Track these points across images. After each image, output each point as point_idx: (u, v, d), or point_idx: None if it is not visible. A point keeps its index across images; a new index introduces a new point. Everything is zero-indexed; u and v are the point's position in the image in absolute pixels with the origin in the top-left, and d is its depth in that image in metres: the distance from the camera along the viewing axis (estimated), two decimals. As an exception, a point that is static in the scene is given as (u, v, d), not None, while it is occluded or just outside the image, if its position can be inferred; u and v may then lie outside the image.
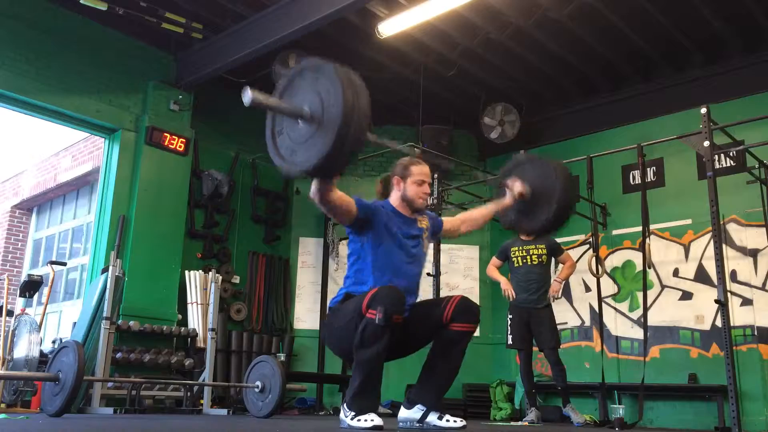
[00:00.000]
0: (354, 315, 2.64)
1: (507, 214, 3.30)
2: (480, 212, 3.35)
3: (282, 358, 6.88)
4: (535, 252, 5.21)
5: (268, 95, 2.26)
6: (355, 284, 2.85)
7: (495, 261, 5.50)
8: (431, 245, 3.14)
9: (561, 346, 5.21)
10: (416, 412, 2.83)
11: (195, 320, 6.45)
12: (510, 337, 5.21)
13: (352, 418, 2.59)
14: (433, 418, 2.79)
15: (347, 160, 2.23)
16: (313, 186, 2.53)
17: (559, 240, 7.25)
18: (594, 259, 5.77)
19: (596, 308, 6.41)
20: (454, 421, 2.76)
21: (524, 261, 5.23)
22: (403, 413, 2.88)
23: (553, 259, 5.33)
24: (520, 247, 5.26)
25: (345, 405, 2.67)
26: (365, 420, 2.55)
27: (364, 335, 2.58)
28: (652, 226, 6.01)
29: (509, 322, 5.24)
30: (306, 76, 2.27)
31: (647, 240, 5.30)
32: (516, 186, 3.19)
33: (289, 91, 2.31)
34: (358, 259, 2.89)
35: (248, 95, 2.10)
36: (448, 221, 3.22)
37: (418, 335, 2.88)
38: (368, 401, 2.63)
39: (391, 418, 4.25)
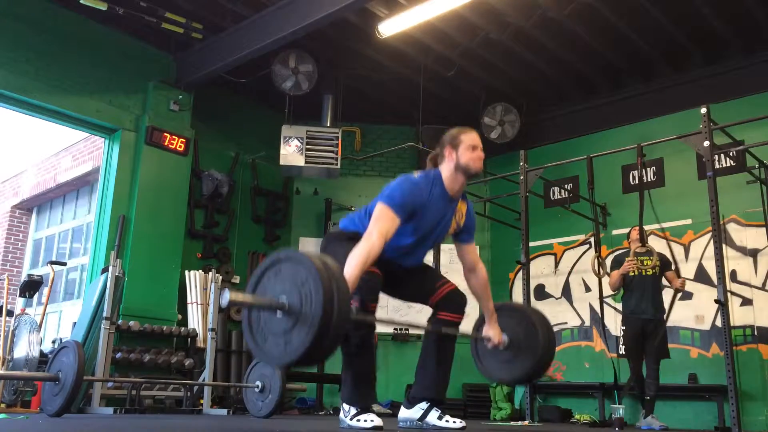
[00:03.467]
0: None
1: (496, 368, 3.15)
2: (484, 297, 3.07)
3: (282, 358, 6.86)
4: (649, 263, 5.23)
5: (246, 294, 2.17)
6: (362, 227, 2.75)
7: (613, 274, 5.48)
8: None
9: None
10: (416, 411, 2.83)
11: (195, 320, 6.45)
12: (623, 347, 5.26)
13: (351, 418, 2.59)
14: (432, 418, 2.79)
15: (329, 352, 2.12)
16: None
17: (559, 240, 7.33)
18: (596, 259, 5.76)
19: (596, 308, 6.41)
20: (454, 422, 2.76)
21: (640, 271, 5.25)
22: (404, 413, 2.88)
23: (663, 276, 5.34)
24: (637, 258, 5.28)
25: (343, 403, 2.67)
26: (365, 420, 2.55)
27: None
28: (653, 226, 6.01)
29: (622, 332, 5.32)
30: (283, 267, 2.17)
31: (640, 240, 5.32)
32: (494, 340, 3.02)
33: (265, 280, 2.20)
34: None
35: (225, 297, 2.04)
36: (469, 254, 3.05)
37: (409, 290, 2.97)
38: (365, 394, 2.65)
39: (391, 417, 4.25)
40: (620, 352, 5.31)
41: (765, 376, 5.71)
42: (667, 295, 5.29)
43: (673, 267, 5.38)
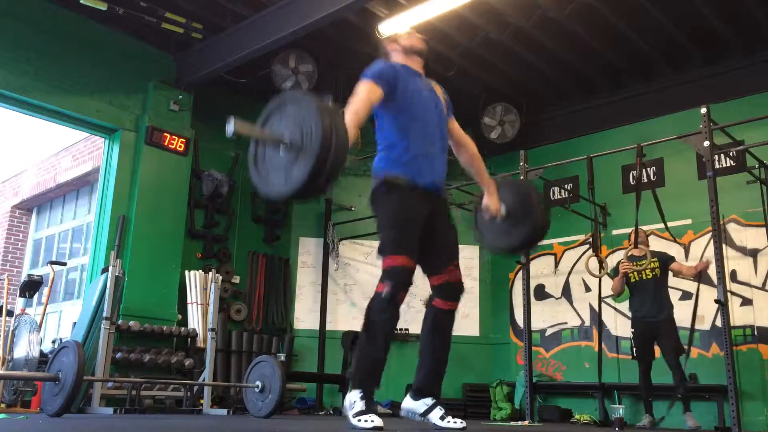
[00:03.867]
0: (385, 238, 2.77)
1: (479, 223, 3.28)
2: (477, 170, 3.22)
3: (282, 358, 6.88)
4: (649, 266, 5.27)
5: (252, 125, 2.36)
6: (389, 147, 2.89)
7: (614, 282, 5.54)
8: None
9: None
10: (421, 405, 2.86)
11: (195, 320, 6.45)
12: (634, 349, 5.34)
13: (355, 415, 2.61)
14: (435, 417, 2.80)
15: (326, 184, 2.29)
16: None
17: (559, 240, 7.33)
18: (595, 259, 5.77)
19: (596, 308, 6.41)
20: (455, 422, 2.78)
21: (640, 275, 5.31)
22: (409, 403, 2.91)
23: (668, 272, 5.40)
24: (636, 263, 5.34)
25: (351, 390, 2.71)
26: (365, 420, 2.56)
27: (373, 305, 2.72)
28: (652, 226, 6.02)
29: (632, 334, 5.36)
30: (286, 109, 2.37)
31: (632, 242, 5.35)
32: (491, 210, 3.13)
33: (270, 120, 2.41)
34: (386, 123, 2.94)
35: (231, 126, 2.20)
36: (456, 129, 3.18)
37: (426, 249, 2.88)
38: (376, 378, 2.74)
39: (391, 418, 4.26)
40: (633, 354, 5.36)
41: (765, 376, 5.71)
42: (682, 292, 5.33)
43: (675, 259, 5.43)
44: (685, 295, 6.17)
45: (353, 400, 2.66)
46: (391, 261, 2.70)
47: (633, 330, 5.35)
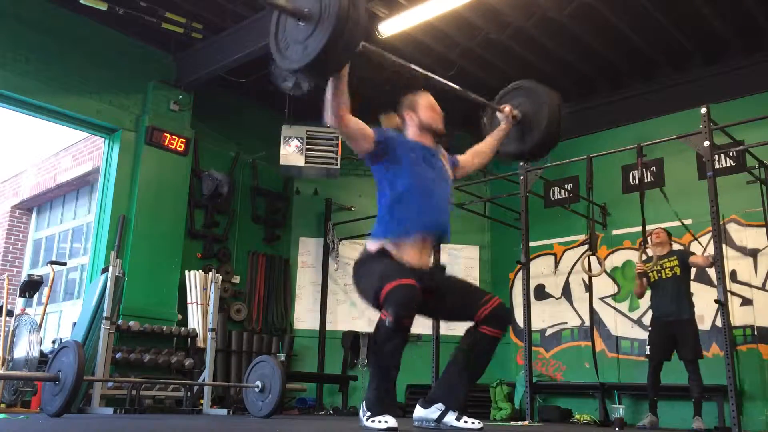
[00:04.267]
0: (375, 287, 2.60)
1: (507, 143, 3.34)
2: (486, 144, 3.34)
3: (282, 358, 6.88)
4: (668, 265, 5.23)
5: None
6: (390, 214, 2.77)
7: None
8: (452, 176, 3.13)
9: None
10: (433, 411, 2.81)
11: (195, 320, 6.45)
12: (648, 347, 5.30)
13: (368, 419, 2.60)
14: (450, 419, 2.77)
15: (347, 52, 2.37)
16: (327, 103, 2.58)
17: (559, 240, 7.32)
18: (588, 258, 5.75)
19: (596, 308, 6.42)
20: (472, 423, 2.74)
21: (660, 275, 5.26)
22: (420, 412, 2.85)
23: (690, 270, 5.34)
24: (656, 262, 5.29)
25: (363, 404, 2.67)
26: (379, 421, 2.54)
27: (378, 335, 2.59)
28: (652, 226, 6.01)
29: (648, 332, 5.33)
30: None
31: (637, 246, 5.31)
32: (506, 108, 3.25)
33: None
34: (387, 189, 2.82)
35: None
36: (462, 157, 3.22)
37: (446, 310, 2.87)
38: (385, 401, 2.63)
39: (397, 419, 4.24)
40: (646, 353, 5.33)
41: (765, 376, 5.71)
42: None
43: (694, 253, 5.37)
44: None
45: (365, 409, 2.63)
46: (386, 288, 2.54)
47: (650, 328, 5.32)
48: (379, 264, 2.68)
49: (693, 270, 5.41)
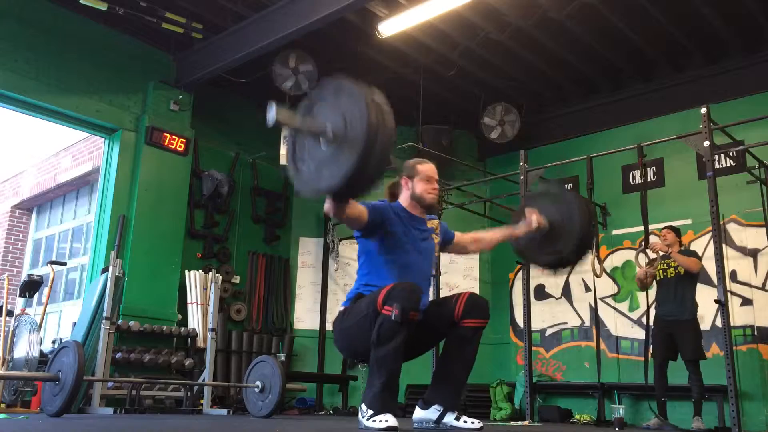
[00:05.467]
0: (368, 312, 2.61)
1: (520, 242, 3.20)
2: (492, 235, 3.30)
3: (282, 358, 6.88)
4: (673, 264, 5.22)
5: (292, 113, 2.19)
6: (366, 285, 2.81)
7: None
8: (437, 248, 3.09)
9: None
10: (432, 412, 2.81)
11: (195, 320, 6.45)
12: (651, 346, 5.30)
13: (368, 419, 2.58)
14: (450, 419, 2.77)
15: (371, 181, 2.13)
16: (329, 202, 2.45)
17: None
18: (594, 259, 5.77)
19: (596, 308, 6.41)
20: (472, 422, 2.75)
21: (664, 274, 5.27)
22: (419, 413, 2.86)
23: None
24: (662, 261, 5.29)
25: (363, 404, 2.66)
26: (380, 421, 2.53)
27: (381, 332, 2.55)
28: (652, 226, 6.01)
29: (652, 332, 5.33)
30: (328, 96, 2.20)
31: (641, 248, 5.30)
32: (534, 218, 3.10)
33: (311, 110, 2.23)
34: (368, 259, 2.86)
35: (272, 113, 2.01)
36: (459, 236, 3.18)
37: (431, 335, 2.88)
38: (387, 400, 2.61)
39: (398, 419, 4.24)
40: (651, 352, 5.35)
41: (765, 376, 5.71)
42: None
43: (697, 255, 5.30)
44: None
45: (364, 410, 2.62)
46: (383, 291, 2.56)
47: (653, 327, 5.33)
48: (363, 301, 2.69)
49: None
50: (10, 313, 5.28)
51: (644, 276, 5.37)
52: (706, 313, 5.99)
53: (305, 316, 7.58)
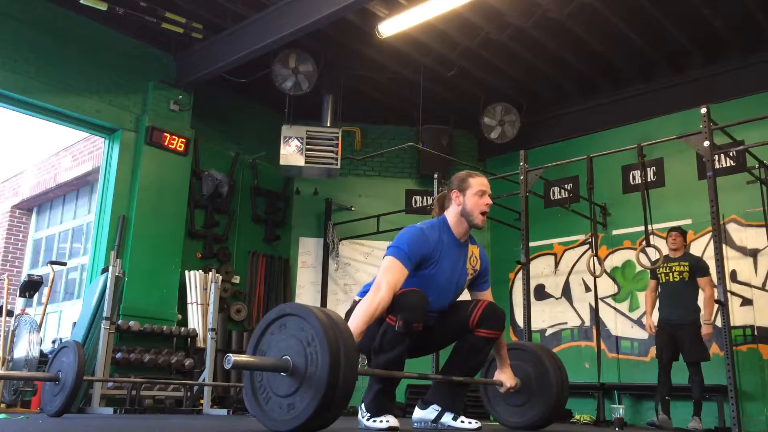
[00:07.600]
0: None
1: (507, 414, 3.08)
2: (498, 341, 2.91)
3: (282, 358, 6.87)
4: (678, 269, 5.24)
5: (249, 357, 2.10)
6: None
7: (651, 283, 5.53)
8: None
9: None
10: (431, 412, 2.82)
11: (195, 320, 6.45)
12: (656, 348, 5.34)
13: (368, 419, 2.59)
14: (448, 419, 2.78)
15: (334, 418, 2.04)
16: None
17: (559, 240, 7.32)
18: (593, 259, 5.76)
19: (596, 308, 6.41)
20: (470, 423, 2.75)
21: (667, 278, 5.28)
22: (418, 413, 2.87)
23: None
24: (665, 264, 5.29)
25: (363, 406, 2.66)
26: (380, 421, 2.54)
27: (384, 340, 2.54)
28: (652, 227, 6.01)
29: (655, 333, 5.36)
30: (288, 321, 2.10)
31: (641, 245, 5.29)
32: (506, 386, 2.92)
33: (269, 334, 2.15)
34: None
35: (230, 361, 1.96)
36: (484, 291, 3.01)
37: (442, 336, 2.86)
38: (386, 403, 2.62)
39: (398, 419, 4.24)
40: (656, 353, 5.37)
41: (765, 376, 5.71)
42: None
43: (707, 272, 5.20)
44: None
45: (364, 411, 2.63)
46: (397, 292, 2.54)
47: (657, 328, 5.34)
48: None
49: None
50: (10, 313, 5.28)
51: (651, 300, 5.46)
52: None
53: (305, 316, 7.57)
